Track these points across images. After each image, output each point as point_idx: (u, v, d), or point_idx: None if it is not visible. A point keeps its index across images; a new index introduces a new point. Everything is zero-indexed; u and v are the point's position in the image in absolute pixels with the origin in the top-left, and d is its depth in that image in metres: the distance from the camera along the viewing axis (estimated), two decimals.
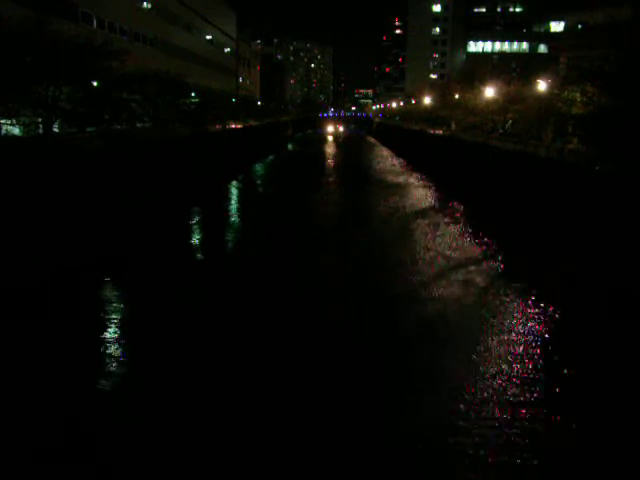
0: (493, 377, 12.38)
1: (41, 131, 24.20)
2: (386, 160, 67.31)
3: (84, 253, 20.61)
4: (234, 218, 32.32)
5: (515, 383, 12.14)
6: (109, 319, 15.47)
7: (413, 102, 76.17)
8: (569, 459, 9.82)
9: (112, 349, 13.63)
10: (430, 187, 42.77)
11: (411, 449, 9.97)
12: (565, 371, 12.90)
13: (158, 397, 11.58)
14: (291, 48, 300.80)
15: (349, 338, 14.55)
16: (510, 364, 12.97)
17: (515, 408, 11.15)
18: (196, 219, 31.00)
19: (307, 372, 12.70)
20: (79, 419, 10.60)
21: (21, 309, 15.28)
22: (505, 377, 12.39)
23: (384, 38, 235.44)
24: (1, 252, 16.67)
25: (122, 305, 16.83)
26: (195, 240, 26.40)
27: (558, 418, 10.95)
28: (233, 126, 56.89)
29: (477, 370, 12.67)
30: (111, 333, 14.54)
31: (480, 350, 13.70)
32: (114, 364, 12.95)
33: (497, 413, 10.98)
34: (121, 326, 15.05)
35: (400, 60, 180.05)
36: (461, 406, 11.19)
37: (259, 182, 49.06)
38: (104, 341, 14.01)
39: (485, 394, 11.67)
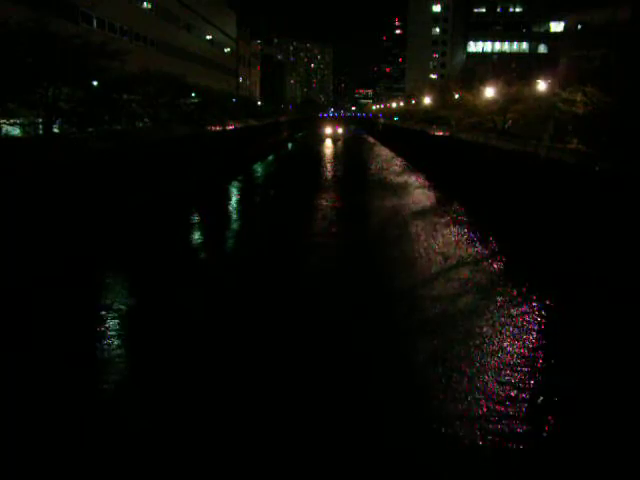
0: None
1: (41, 132, 24.21)
2: (387, 160, 67.30)
3: (83, 253, 20.62)
4: (234, 219, 32.34)
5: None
6: (109, 316, 15.46)
7: (413, 102, 76.13)
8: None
9: (111, 346, 13.64)
10: (431, 187, 42.76)
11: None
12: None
13: (157, 392, 11.60)
14: (291, 48, 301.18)
15: (346, 334, 14.56)
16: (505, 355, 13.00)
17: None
18: (196, 220, 30.98)
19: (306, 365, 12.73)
20: (77, 418, 10.60)
21: (19, 308, 15.30)
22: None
23: (384, 38, 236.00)
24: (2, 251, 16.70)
25: (122, 304, 16.82)
26: (195, 241, 26.39)
27: None
28: (233, 126, 56.89)
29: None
30: (111, 330, 14.54)
31: (475, 343, 13.74)
32: (113, 362, 12.96)
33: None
34: (121, 323, 15.06)
35: (400, 60, 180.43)
36: None
37: (259, 183, 49.05)
38: (103, 339, 14.03)
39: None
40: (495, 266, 21.52)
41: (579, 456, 9.95)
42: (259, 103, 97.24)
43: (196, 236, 27.34)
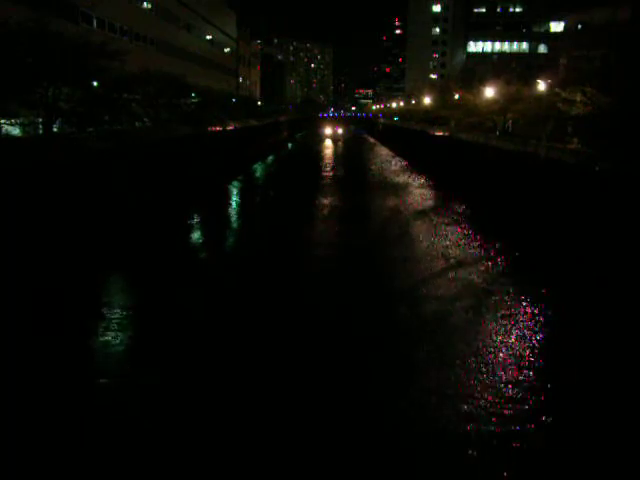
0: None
1: (41, 132, 24.21)
2: (387, 160, 67.33)
3: (83, 253, 20.61)
4: (234, 219, 32.37)
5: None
6: (110, 316, 15.46)
7: (413, 102, 76.14)
8: None
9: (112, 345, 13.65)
10: (432, 187, 42.79)
11: None
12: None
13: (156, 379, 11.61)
14: (291, 48, 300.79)
15: (346, 332, 14.57)
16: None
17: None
18: (196, 220, 30.97)
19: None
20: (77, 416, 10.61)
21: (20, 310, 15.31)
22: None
23: (384, 38, 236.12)
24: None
25: (123, 303, 16.84)
26: (195, 241, 26.43)
27: None
28: (233, 126, 56.88)
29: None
30: (111, 329, 14.55)
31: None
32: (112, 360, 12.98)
33: None
34: (122, 323, 15.06)
35: (400, 60, 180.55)
36: None
37: (259, 183, 49.08)
38: (104, 339, 14.05)
39: None
40: (496, 266, 21.52)
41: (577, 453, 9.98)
42: (259, 103, 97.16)
43: (196, 236, 27.37)
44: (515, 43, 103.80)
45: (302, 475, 9.39)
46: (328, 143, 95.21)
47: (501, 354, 13.52)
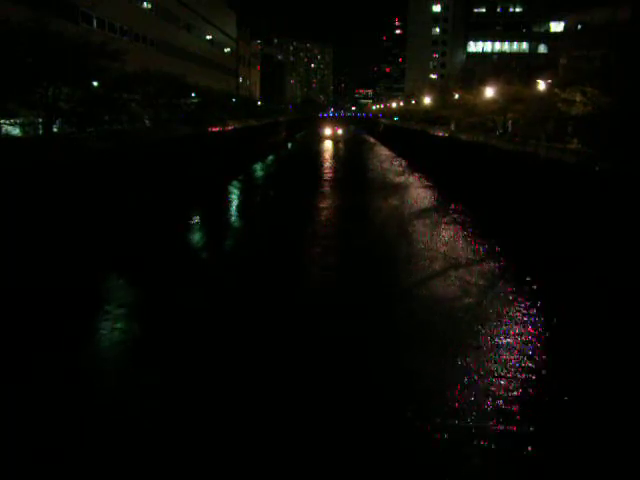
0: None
1: (41, 132, 24.19)
2: (387, 160, 67.32)
3: (84, 253, 20.62)
4: (234, 219, 32.37)
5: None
6: (111, 317, 15.47)
7: (413, 102, 76.10)
8: None
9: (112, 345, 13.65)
10: (432, 187, 42.76)
11: None
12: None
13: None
14: (291, 48, 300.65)
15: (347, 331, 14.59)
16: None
17: None
18: (196, 220, 30.98)
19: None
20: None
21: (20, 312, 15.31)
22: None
23: (384, 38, 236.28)
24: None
25: (124, 304, 16.84)
26: (195, 241, 26.41)
27: None
28: (233, 126, 56.85)
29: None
30: (111, 330, 14.55)
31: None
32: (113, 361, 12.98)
33: None
34: (122, 324, 15.07)
35: (400, 60, 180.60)
36: None
37: (259, 183, 49.08)
38: (104, 338, 14.04)
39: None
40: (495, 265, 21.52)
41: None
42: (259, 103, 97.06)
43: (196, 236, 27.36)
44: (515, 43, 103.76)
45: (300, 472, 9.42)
46: (328, 143, 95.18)
47: (495, 348, 13.55)
